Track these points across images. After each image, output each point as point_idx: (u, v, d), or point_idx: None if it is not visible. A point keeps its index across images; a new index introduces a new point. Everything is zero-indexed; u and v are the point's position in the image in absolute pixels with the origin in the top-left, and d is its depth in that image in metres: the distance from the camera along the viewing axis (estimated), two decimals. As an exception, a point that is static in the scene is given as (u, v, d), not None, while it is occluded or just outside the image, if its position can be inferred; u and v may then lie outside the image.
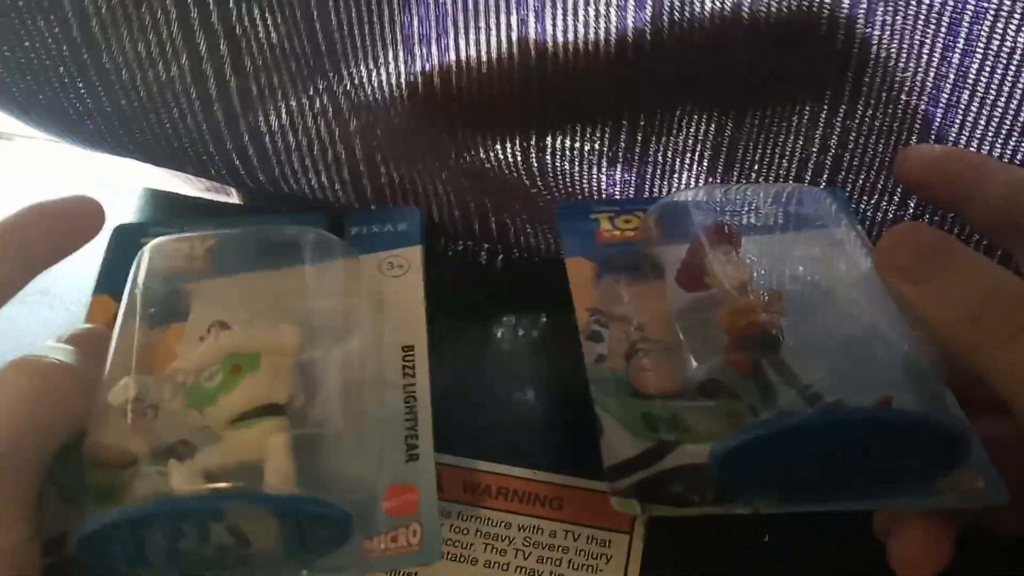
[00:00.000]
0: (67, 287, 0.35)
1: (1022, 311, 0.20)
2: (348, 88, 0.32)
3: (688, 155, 0.33)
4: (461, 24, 0.31)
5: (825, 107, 0.31)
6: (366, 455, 0.24)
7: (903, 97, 0.29)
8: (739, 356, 0.23)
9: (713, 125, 0.32)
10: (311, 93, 0.32)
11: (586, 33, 0.29)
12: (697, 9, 0.28)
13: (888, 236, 0.23)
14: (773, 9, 0.28)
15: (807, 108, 0.31)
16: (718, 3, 0.28)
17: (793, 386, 0.23)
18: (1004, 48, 0.27)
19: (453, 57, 0.31)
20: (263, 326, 0.24)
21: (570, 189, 0.34)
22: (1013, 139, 0.29)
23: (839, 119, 0.31)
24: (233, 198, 0.41)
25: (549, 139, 0.33)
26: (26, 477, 0.21)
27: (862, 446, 0.22)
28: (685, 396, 0.24)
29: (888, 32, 0.28)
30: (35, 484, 0.21)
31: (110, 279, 0.29)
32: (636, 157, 0.33)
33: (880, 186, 0.32)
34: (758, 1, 0.28)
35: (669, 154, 0.33)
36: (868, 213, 0.33)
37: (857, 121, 0.31)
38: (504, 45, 0.31)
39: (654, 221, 0.29)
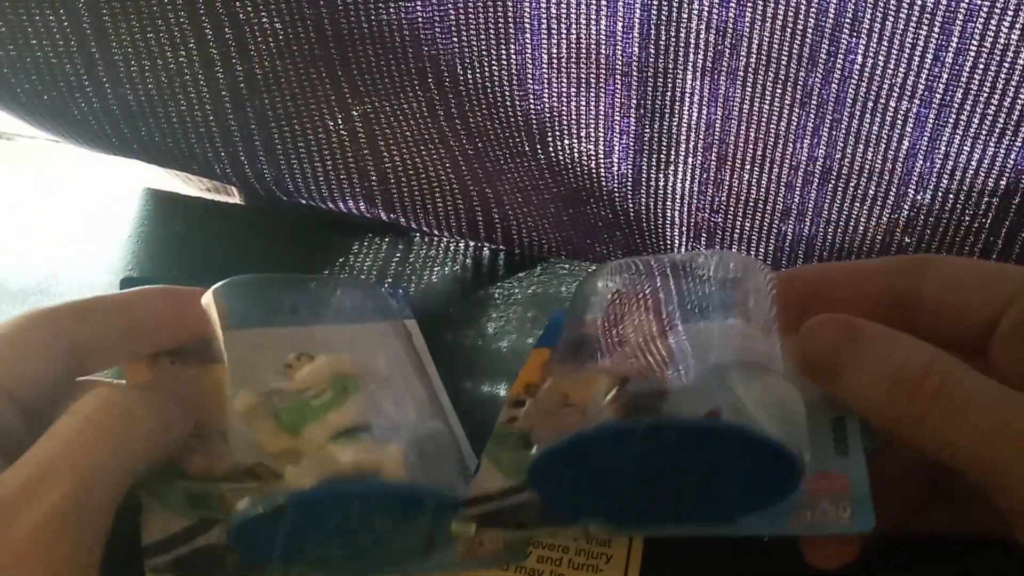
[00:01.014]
0: (67, 287, 0.35)
1: (923, 392, 0.21)
2: (354, 74, 0.32)
3: (685, 144, 0.33)
4: (469, 6, 0.31)
5: (811, 116, 0.31)
6: (458, 460, 0.26)
7: (892, 103, 0.30)
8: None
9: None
10: (315, 79, 0.32)
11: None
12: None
13: (801, 336, 0.23)
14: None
15: (793, 116, 0.31)
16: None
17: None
18: (998, 45, 0.27)
19: (457, 42, 0.32)
20: (360, 356, 0.26)
21: (568, 161, 0.34)
22: (1007, 137, 0.29)
23: (825, 128, 0.31)
24: (234, 198, 0.41)
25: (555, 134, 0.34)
26: (101, 522, 0.20)
27: (684, 461, 0.22)
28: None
29: (876, 39, 0.28)
30: (108, 530, 0.20)
31: None
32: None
33: (872, 193, 0.32)
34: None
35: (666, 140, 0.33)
36: (861, 220, 0.33)
37: (844, 130, 0.31)
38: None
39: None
